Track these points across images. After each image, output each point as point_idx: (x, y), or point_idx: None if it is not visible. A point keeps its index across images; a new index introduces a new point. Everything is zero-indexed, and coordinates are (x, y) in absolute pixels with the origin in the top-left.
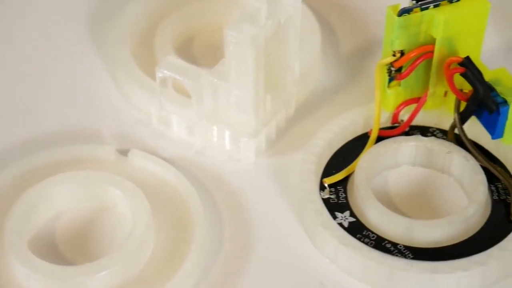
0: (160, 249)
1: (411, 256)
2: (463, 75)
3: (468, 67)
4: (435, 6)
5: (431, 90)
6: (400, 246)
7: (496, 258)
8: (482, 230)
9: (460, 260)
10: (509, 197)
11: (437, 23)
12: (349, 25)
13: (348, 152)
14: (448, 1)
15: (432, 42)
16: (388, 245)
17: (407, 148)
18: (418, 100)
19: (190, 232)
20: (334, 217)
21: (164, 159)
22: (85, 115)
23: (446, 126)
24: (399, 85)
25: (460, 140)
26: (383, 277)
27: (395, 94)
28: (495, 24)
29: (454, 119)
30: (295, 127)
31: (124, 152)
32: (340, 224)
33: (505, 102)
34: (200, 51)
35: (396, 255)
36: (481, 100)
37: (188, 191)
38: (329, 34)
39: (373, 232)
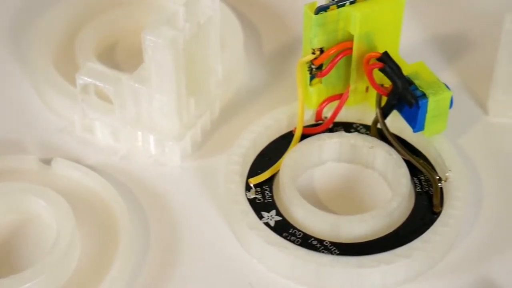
0: (86, 258)
1: (337, 252)
2: (381, 70)
3: (386, 62)
4: (351, 3)
5: (352, 86)
6: (327, 243)
7: (419, 250)
8: (406, 223)
9: (384, 254)
10: (432, 189)
11: (354, 19)
12: (272, 24)
13: (273, 151)
14: None
15: (351, 38)
16: (315, 242)
17: (331, 144)
18: (340, 97)
19: (117, 238)
20: (260, 217)
21: (89, 166)
22: (5, 124)
23: (369, 121)
24: (321, 82)
25: (383, 135)
26: (310, 274)
27: (317, 91)
28: (413, 19)
29: (376, 114)
30: (220, 128)
31: (47, 161)
32: (267, 224)
33: (424, 95)
34: (124, 56)
35: (323, 252)
36: (400, 94)
37: (114, 198)
38: (252, 34)
39: (299, 230)
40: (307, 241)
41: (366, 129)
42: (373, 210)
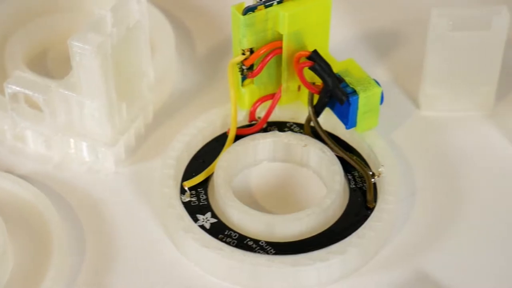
0: (19, 269)
1: (273, 252)
2: (311, 68)
3: (316, 60)
4: (278, 3)
5: (284, 85)
6: (262, 243)
7: (354, 246)
8: (341, 220)
9: (320, 251)
10: (365, 185)
11: (282, 19)
12: (204, 26)
13: (208, 154)
14: None
15: (280, 38)
16: (250, 243)
17: (265, 144)
18: (273, 97)
19: (51, 249)
20: (196, 220)
21: (21, 176)
22: None
23: (302, 120)
24: (253, 83)
25: (316, 133)
26: (246, 275)
27: (249, 92)
28: (342, 16)
29: (309, 112)
30: (155, 132)
31: None
32: (202, 226)
33: (354, 92)
34: (55, 63)
35: (258, 252)
36: (331, 92)
37: (47, 208)
38: (184, 36)
39: (235, 231)
40: (243, 242)
41: (299, 128)
42: (307, 208)
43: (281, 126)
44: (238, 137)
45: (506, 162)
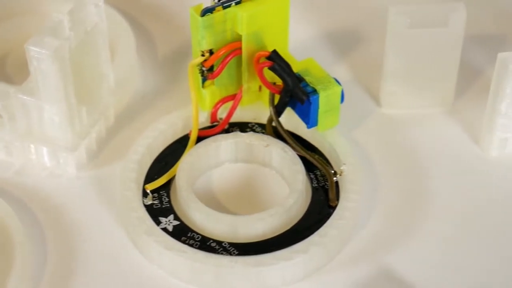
0: None
1: (236, 253)
2: (271, 68)
3: (275, 60)
4: (236, 4)
5: (245, 86)
6: (225, 244)
7: (316, 245)
8: (304, 219)
9: (283, 251)
10: (328, 184)
11: (240, 19)
12: (165, 28)
13: (170, 156)
14: None
15: (239, 38)
16: (213, 244)
17: (227, 145)
18: (234, 97)
19: (12, 255)
20: (158, 223)
21: None
22: None
23: (264, 120)
24: (214, 84)
25: (278, 133)
26: (209, 276)
27: (210, 93)
28: (302, 16)
29: (270, 112)
30: (116, 136)
31: None
32: (164, 229)
33: (314, 91)
34: (14, 69)
35: (222, 253)
36: (292, 92)
37: (8, 214)
38: (145, 39)
39: (198, 233)
40: (206, 244)
41: (261, 128)
42: (271, 208)
43: (243, 127)
44: (200, 139)
45: (467, 157)
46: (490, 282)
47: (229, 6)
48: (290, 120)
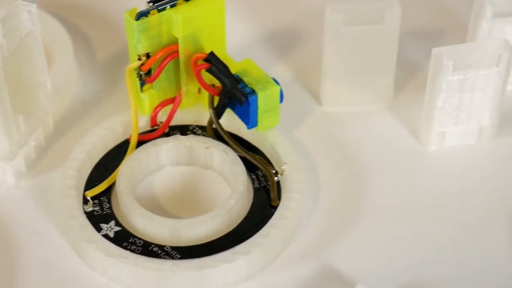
0: None
1: (179, 256)
2: (208, 70)
3: (213, 62)
4: (171, 6)
5: (184, 89)
6: (167, 248)
7: (258, 246)
8: (246, 220)
9: (225, 253)
10: (269, 184)
11: (176, 22)
12: (102, 32)
13: (110, 161)
14: (184, 0)
15: (176, 41)
16: (155, 249)
17: (168, 149)
18: (173, 101)
19: None
20: (99, 229)
21: None
22: None
23: (205, 122)
24: (152, 87)
25: (219, 134)
26: (152, 281)
27: (149, 97)
28: (238, 16)
29: (210, 114)
30: (56, 143)
31: None
32: (106, 236)
33: (253, 92)
34: None
35: (164, 258)
36: (230, 93)
37: None
38: (83, 44)
39: (139, 238)
40: (148, 249)
41: (202, 130)
42: (212, 210)
43: (184, 130)
44: (141, 143)
45: (407, 152)
46: (427, 276)
47: (164, 9)
48: (230, 121)
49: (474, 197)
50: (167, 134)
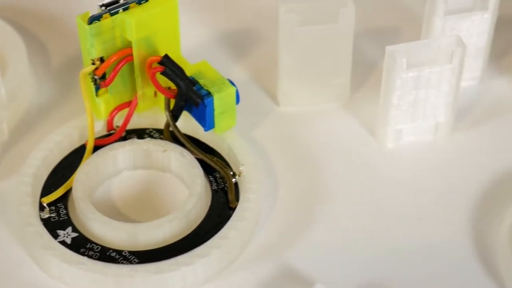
0: None
1: (137, 261)
2: (163, 73)
3: (167, 65)
4: (124, 10)
5: (139, 92)
6: (125, 253)
7: (217, 247)
8: (204, 222)
9: (184, 256)
10: (227, 185)
11: (129, 26)
12: (57, 37)
13: (67, 167)
14: (137, 3)
15: (130, 45)
16: (113, 254)
17: (125, 153)
18: (129, 104)
19: None
20: (56, 236)
21: None
22: None
23: (162, 125)
24: (108, 92)
25: (176, 137)
26: (110, 287)
27: (105, 101)
28: (193, 18)
29: (167, 117)
30: (12, 150)
31: None
32: (63, 242)
33: (209, 94)
34: None
35: (122, 263)
36: (186, 95)
37: None
38: (37, 49)
39: (97, 244)
40: (106, 254)
41: (159, 134)
42: (169, 213)
43: (141, 133)
44: (97, 148)
45: (364, 150)
46: (386, 273)
47: (116, 12)
48: (188, 123)
49: (432, 193)
50: (124, 138)
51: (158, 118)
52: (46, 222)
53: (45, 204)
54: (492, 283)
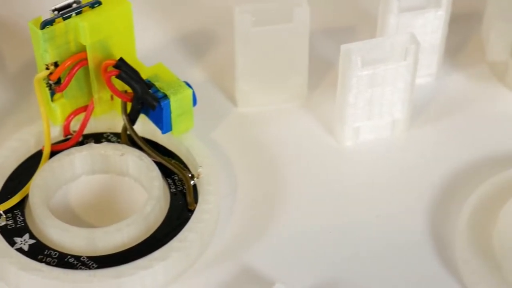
0: None
1: (95, 266)
2: (118, 77)
3: (122, 68)
4: (77, 14)
5: (96, 96)
6: (84, 258)
7: (176, 250)
8: (163, 225)
9: (142, 259)
10: (186, 188)
11: (82, 30)
12: (10, 42)
13: (23, 174)
14: (90, 7)
15: (84, 49)
16: (71, 260)
17: (82, 157)
18: (86, 109)
19: None
20: (13, 243)
21: None
22: None
23: (119, 129)
24: (63, 96)
25: (134, 141)
26: None
27: (61, 106)
28: (149, 21)
29: (124, 121)
30: None
31: None
32: (20, 249)
33: (165, 96)
34: None
35: (80, 268)
36: (142, 98)
37: None
38: None
39: (55, 250)
40: (64, 260)
41: (117, 137)
42: (128, 217)
43: (99, 138)
44: (54, 153)
45: (323, 149)
46: (346, 272)
47: (69, 17)
48: (145, 127)
49: (390, 190)
50: (81, 143)
51: (116, 122)
52: (3, 230)
53: (1, 212)
54: (450, 277)
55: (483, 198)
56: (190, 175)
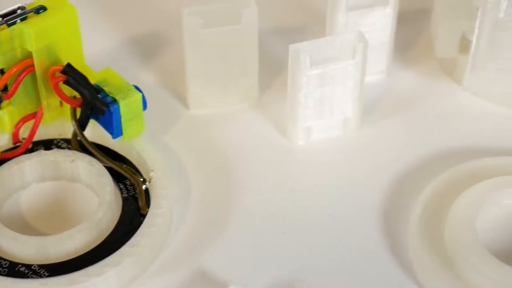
0: None
1: (47, 274)
2: (65, 82)
3: (70, 74)
4: (22, 20)
5: (44, 102)
6: (35, 267)
7: (128, 256)
8: (115, 230)
9: (95, 266)
10: (138, 192)
11: (28, 36)
12: None
13: None
14: (35, 13)
15: (31, 55)
16: (22, 269)
17: (32, 165)
18: (35, 115)
19: None
20: None
21: None
22: None
23: (69, 135)
24: (11, 104)
25: (84, 147)
26: None
27: (9, 113)
28: (96, 25)
29: (73, 127)
30: None
31: None
32: None
33: (114, 101)
34: None
35: (32, 277)
36: (91, 104)
37: None
38: None
39: (5, 259)
40: (15, 269)
41: (67, 144)
42: (79, 224)
43: (49, 144)
44: (3, 162)
45: (276, 149)
46: (299, 272)
47: (14, 23)
48: (96, 132)
49: (343, 188)
50: (31, 150)
51: (66, 128)
52: None
53: None
54: (404, 275)
55: (435, 194)
56: (141, 179)
